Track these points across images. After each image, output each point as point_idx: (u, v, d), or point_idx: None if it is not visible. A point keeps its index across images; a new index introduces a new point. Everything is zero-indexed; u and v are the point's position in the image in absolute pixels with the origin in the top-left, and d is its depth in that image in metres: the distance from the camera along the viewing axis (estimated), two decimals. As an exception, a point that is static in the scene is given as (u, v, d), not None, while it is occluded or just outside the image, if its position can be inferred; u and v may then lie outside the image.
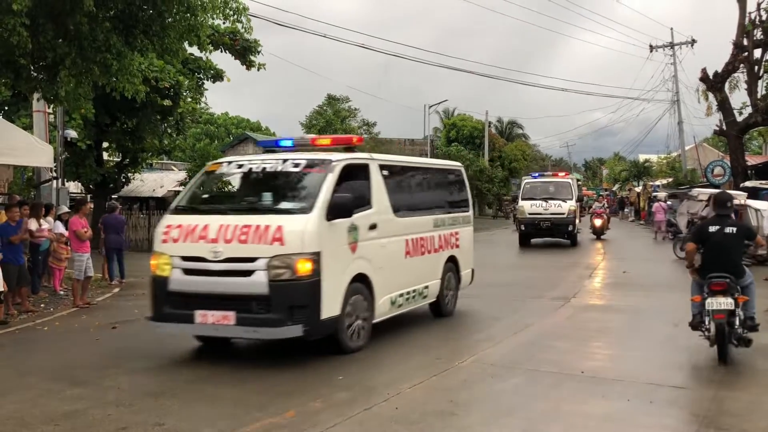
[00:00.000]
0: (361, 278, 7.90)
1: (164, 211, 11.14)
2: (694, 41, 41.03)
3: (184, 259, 7.40)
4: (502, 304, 11.49)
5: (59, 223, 12.60)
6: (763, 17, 23.18)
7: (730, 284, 7.14)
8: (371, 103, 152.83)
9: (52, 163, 14.48)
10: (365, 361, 7.53)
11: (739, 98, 24.71)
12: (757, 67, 23.57)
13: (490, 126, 54.05)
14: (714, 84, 24.20)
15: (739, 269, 7.34)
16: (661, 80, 56.66)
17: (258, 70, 19.63)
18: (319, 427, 5.38)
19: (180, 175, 29.06)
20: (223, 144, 44.75)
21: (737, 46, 23.68)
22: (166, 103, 20.20)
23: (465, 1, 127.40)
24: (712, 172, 26.97)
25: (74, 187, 25.32)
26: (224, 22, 11.94)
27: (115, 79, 11.24)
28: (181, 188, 19.02)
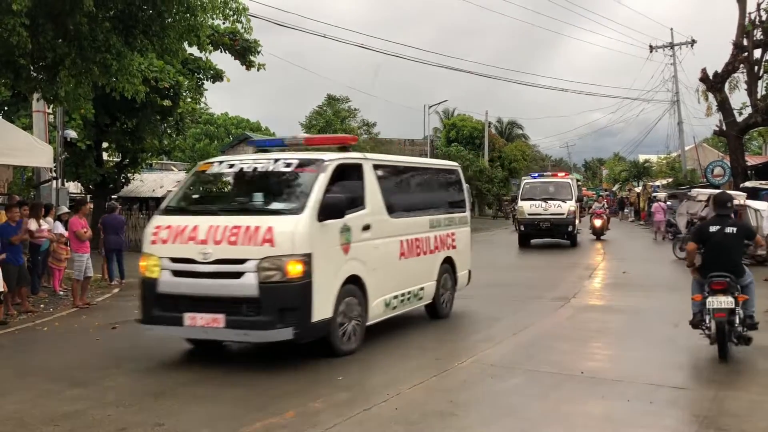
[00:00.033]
0: (354, 280, 7.75)
1: (163, 212, 11.08)
2: (694, 41, 41.13)
3: (173, 260, 7.28)
4: (502, 304, 11.47)
5: (59, 224, 12.59)
6: (763, 17, 23.20)
7: (731, 283, 7.22)
8: (371, 104, 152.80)
9: (52, 164, 14.47)
10: (365, 362, 7.51)
11: (739, 98, 24.71)
12: (757, 68, 23.58)
13: (489, 126, 54.06)
14: (714, 84, 24.20)
15: (739, 269, 7.43)
16: (661, 80, 56.98)
17: (258, 70, 19.56)
18: (319, 428, 5.38)
19: (180, 176, 28.99)
20: (222, 144, 44.69)
21: (737, 47, 23.69)
22: (166, 103, 20.17)
23: (465, 1, 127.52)
24: (712, 172, 26.99)
25: (74, 187, 25.29)
26: (224, 23, 11.93)
27: (115, 80, 11.23)
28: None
